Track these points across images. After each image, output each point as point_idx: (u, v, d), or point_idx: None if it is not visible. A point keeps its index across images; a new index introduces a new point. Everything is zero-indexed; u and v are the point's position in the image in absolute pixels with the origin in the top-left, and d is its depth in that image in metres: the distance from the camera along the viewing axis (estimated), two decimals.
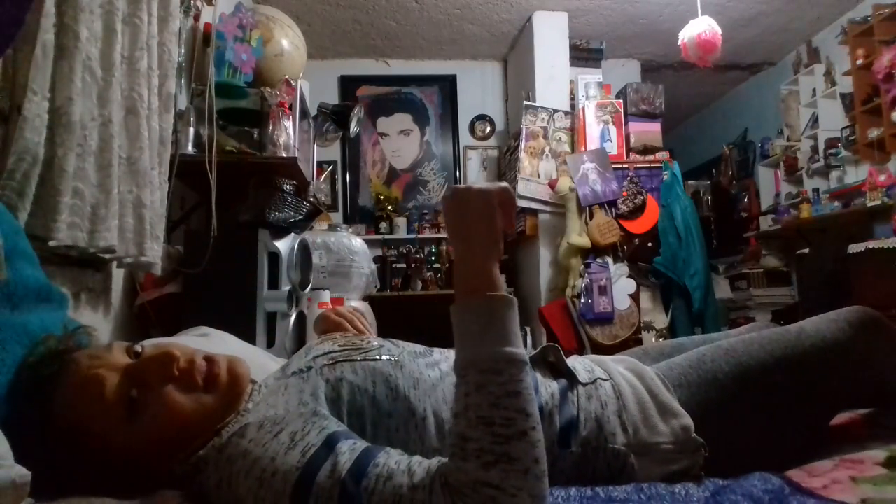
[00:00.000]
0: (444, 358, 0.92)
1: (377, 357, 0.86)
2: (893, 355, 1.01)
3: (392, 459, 0.64)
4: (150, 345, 0.80)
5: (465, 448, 0.62)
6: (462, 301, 0.70)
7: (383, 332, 1.21)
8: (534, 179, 3.98)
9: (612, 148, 3.96)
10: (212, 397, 0.76)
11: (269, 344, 1.91)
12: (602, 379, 0.92)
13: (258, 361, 1.38)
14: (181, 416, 0.73)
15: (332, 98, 4.56)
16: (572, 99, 4.17)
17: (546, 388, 0.89)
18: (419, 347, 0.95)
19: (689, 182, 5.56)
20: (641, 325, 3.78)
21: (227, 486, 0.66)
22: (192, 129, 2.10)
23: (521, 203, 3.97)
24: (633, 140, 3.99)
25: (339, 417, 0.76)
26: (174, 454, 0.73)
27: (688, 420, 0.88)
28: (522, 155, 4.00)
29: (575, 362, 0.97)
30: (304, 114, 2.78)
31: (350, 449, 0.65)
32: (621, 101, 4.04)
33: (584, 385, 0.90)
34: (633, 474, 0.84)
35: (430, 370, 0.87)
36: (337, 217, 4.54)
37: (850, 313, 1.01)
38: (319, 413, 0.73)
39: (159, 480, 0.72)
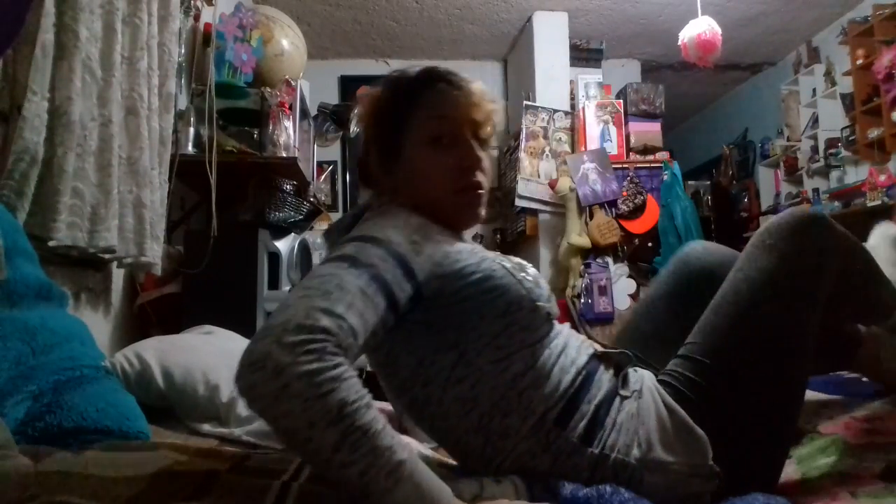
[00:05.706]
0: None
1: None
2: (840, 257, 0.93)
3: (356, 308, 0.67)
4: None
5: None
6: None
7: None
8: (534, 179, 3.98)
9: (612, 148, 3.95)
10: None
11: None
12: (638, 391, 0.89)
13: None
14: None
15: (332, 98, 4.56)
16: (572, 99, 4.17)
17: (600, 383, 0.87)
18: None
19: (689, 182, 5.53)
20: None
21: None
22: (192, 129, 2.10)
23: (521, 203, 3.97)
24: (633, 140, 3.99)
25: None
26: None
27: (704, 442, 0.84)
28: (522, 155, 4.00)
29: (629, 369, 0.94)
30: (304, 114, 2.78)
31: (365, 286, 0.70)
32: (621, 101, 4.03)
33: (626, 398, 0.87)
34: (639, 489, 0.80)
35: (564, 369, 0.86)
36: (337, 217, 4.53)
37: (781, 227, 0.94)
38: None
39: None
